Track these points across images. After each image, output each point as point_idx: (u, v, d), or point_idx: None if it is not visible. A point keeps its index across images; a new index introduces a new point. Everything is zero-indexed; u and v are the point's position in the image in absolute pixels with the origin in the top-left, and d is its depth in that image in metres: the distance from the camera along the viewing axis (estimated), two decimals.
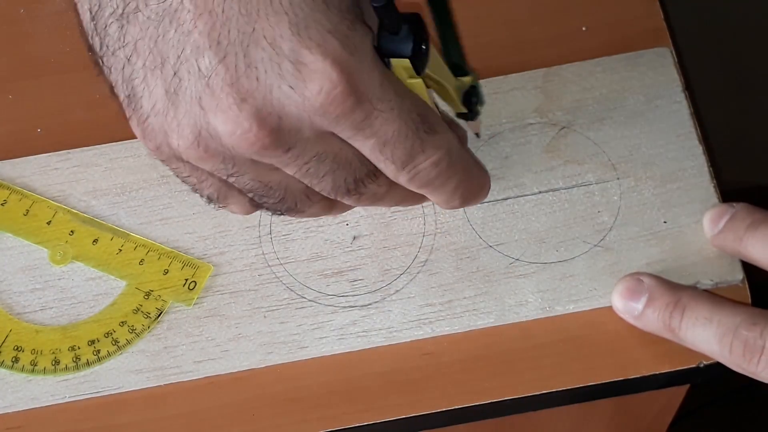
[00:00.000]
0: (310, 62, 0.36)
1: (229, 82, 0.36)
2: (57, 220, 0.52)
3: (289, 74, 0.36)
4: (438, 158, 0.41)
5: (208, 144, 0.38)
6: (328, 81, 0.36)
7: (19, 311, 0.51)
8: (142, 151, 0.54)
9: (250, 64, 0.36)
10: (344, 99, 0.37)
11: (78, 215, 0.52)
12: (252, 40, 0.36)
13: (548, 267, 0.50)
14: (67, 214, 0.52)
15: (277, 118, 0.37)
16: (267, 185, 0.41)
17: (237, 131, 0.37)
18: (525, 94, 0.54)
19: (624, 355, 0.48)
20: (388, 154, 0.39)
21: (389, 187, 0.43)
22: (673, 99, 0.54)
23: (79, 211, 0.53)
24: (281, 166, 0.39)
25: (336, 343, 0.49)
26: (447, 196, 0.44)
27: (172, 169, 0.41)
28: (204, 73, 0.36)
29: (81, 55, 0.57)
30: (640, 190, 0.52)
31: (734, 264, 0.49)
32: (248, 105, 0.36)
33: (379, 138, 0.39)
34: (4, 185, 0.53)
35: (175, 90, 0.37)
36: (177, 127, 0.38)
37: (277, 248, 0.51)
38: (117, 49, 0.38)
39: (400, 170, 0.40)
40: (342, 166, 0.40)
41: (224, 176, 0.40)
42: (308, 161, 0.39)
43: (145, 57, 0.37)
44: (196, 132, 0.38)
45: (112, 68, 0.39)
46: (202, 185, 0.42)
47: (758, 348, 0.44)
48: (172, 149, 0.39)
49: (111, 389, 0.49)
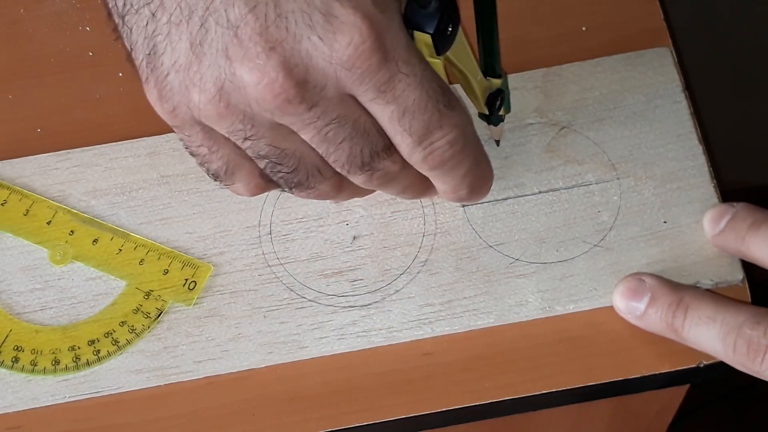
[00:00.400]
0: (341, 15, 0.36)
1: (258, 31, 0.36)
2: (57, 220, 0.52)
3: (319, 25, 0.36)
4: (454, 137, 0.41)
5: (230, 98, 0.38)
6: (358, 34, 0.36)
7: (19, 311, 0.51)
8: (141, 151, 0.54)
9: (281, 14, 0.36)
10: (371, 54, 0.37)
11: (78, 215, 0.52)
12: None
13: (548, 267, 0.50)
14: (67, 214, 0.52)
15: (305, 69, 0.37)
16: (283, 151, 0.40)
17: (264, 80, 0.37)
18: (525, 94, 0.54)
19: (624, 355, 0.48)
20: (405, 125, 0.39)
21: (402, 167, 0.42)
22: (673, 99, 0.54)
23: (79, 211, 0.53)
24: (301, 127, 0.39)
25: (336, 343, 0.49)
26: (457, 182, 0.44)
27: (184, 138, 0.41)
28: (233, 23, 0.36)
29: (81, 55, 0.58)
30: (640, 190, 0.52)
31: (734, 264, 0.49)
32: (276, 54, 0.36)
33: (399, 105, 0.39)
34: (4, 185, 0.53)
35: (201, 42, 0.37)
36: (200, 81, 0.37)
37: (277, 248, 0.51)
38: (141, 6, 0.38)
39: (417, 145, 0.40)
40: (360, 134, 0.40)
41: (240, 139, 0.40)
42: (328, 123, 0.39)
43: (171, 11, 0.37)
44: (219, 85, 0.37)
45: (133, 28, 0.38)
46: (212, 156, 0.41)
47: (762, 347, 0.44)
48: (190, 108, 0.38)
49: (111, 389, 0.49)
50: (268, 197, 0.52)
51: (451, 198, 0.46)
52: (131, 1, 0.38)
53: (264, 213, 0.52)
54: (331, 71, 0.37)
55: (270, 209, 0.52)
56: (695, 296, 0.47)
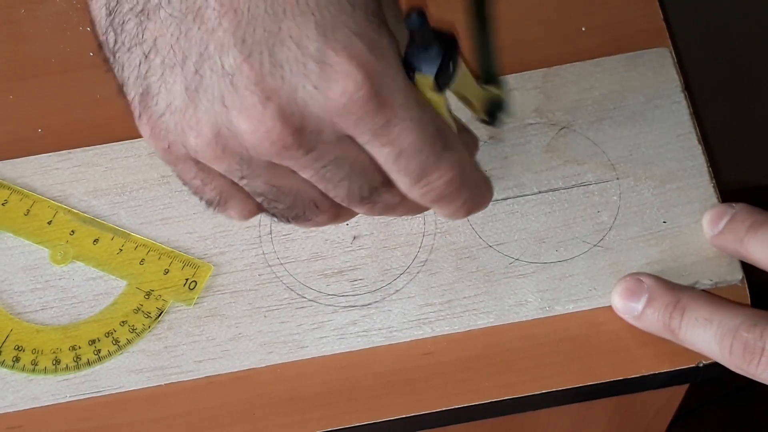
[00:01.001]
0: (335, 63, 0.36)
1: (254, 80, 0.36)
2: (57, 220, 0.52)
3: (314, 74, 0.36)
4: (451, 177, 0.41)
5: (227, 143, 0.38)
6: (352, 82, 0.36)
7: (19, 311, 0.51)
8: (142, 151, 0.54)
9: (275, 63, 0.36)
10: (367, 101, 0.37)
11: (78, 215, 0.52)
12: (278, 39, 0.36)
13: (548, 267, 0.50)
14: (67, 214, 0.53)
15: (301, 117, 0.37)
16: (279, 189, 0.41)
17: (260, 129, 0.37)
18: (524, 94, 0.54)
19: (623, 354, 0.48)
20: (402, 166, 0.39)
21: (402, 198, 0.42)
22: (672, 99, 0.54)
23: (79, 211, 0.53)
24: (298, 168, 0.39)
25: (336, 343, 0.49)
26: (453, 210, 0.44)
27: (176, 170, 0.41)
28: (228, 71, 0.36)
29: (81, 55, 0.58)
30: (640, 190, 0.52)
31: (733, 264, 0.50)
32: (272, 103, 0.36)
33: (395, 147, 0.39)
34: (5, 185, 0.53)
35: (196, 87, 0.37)
36: (196, 125, 0.37)
37: (277, 248, 0.52)
38: (133, 45, 0.38)
39: (414, 184, 0.40)
40: (358, 172, 0.40)
41: (236, 178, 0.40)
42: (326, 165, 0.39)
43: (164, 54, 0.37)
44: (215, 130, 0.37)
45: (124, 65, 0.38)
46: (205, 188, 0.42)
47: (758, 349, 0.44)
48: (186, 148, 0.39)
49: (111, 389, 0.49)
50: None
51: (449, 219, 0.46)
52: (122, 39, 0.38)
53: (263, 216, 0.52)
54: (327, 118, 0.37)
55: None
56: (692, 297, 0.47)
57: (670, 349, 0.48)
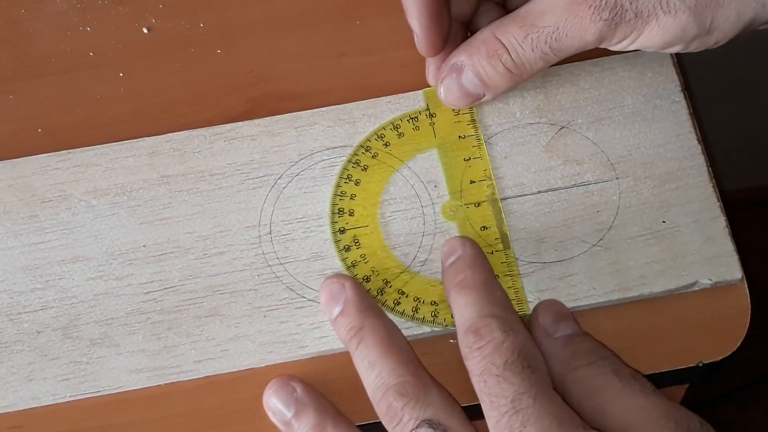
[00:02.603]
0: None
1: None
2: (479, 184, 0.52)
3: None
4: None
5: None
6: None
7: (20, 311, 0.51)
8: (142, 151, 0.54)
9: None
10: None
11: (496, 197, 0.52)
12: None
13: (547, 266, 0.50)
14: (489, 188, 0.52)
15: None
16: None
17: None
18: (524, 94, 0.54)
19: (623, 354, 0.48)
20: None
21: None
22: (672, 99, 0.54)
23: (79, 211, 0.53)
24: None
25: (336, 343, 0.49)
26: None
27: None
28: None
29: (81, 55, 0.58)
30: (639, 190, 0.52)
31: (733, 263, 0.50)
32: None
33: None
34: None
35: None
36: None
37: (277, 248, 0.52)
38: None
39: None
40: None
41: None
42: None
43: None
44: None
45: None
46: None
47: (397, 418, 0.44)
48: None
49: (111, 389, 0.49)
50: (268, 197, 0.52)
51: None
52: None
53: (264, 213, 0.52)
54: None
55: (270, 209, 0.52)
56: (374, 332, 0.47)
57: (670, 349, 0.48)
